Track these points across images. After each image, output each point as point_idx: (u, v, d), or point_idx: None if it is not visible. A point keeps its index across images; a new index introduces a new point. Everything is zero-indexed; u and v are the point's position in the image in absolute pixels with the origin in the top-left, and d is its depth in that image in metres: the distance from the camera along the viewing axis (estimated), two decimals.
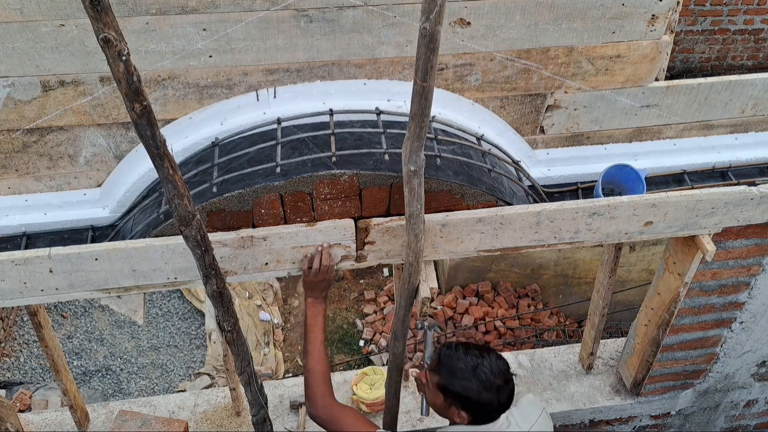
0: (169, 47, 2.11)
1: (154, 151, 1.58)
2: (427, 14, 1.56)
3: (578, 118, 2.56)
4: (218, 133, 2.29)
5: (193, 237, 1.79)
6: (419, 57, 1.65)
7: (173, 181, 1.65)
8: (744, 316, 2.98)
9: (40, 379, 6.00)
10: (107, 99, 2.20)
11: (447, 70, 2.32)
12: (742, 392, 3.45)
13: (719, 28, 6.42)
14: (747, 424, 3.72)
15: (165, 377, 6.31)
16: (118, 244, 2.11)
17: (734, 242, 2.61)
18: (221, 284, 1.98)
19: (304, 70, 2.25)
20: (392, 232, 2.24)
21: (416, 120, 1.78)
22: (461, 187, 2.27)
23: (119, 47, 1.38)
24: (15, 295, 2.17)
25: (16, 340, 6.23)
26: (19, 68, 2.08)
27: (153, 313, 6.73)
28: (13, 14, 1.97)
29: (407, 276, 2.21)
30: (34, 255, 2.08)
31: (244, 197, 2.16)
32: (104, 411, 3.23)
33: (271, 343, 6.71)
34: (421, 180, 1.94)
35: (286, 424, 3.22)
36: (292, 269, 2.27)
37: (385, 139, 2.23)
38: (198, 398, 3.32)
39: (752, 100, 2.67)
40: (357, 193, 2.22)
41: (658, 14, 2.32)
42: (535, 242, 2.35)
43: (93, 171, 2.38)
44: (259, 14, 2.09)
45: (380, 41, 2.21)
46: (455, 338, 6.42)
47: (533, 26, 2.27)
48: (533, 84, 2.42)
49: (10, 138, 2.23)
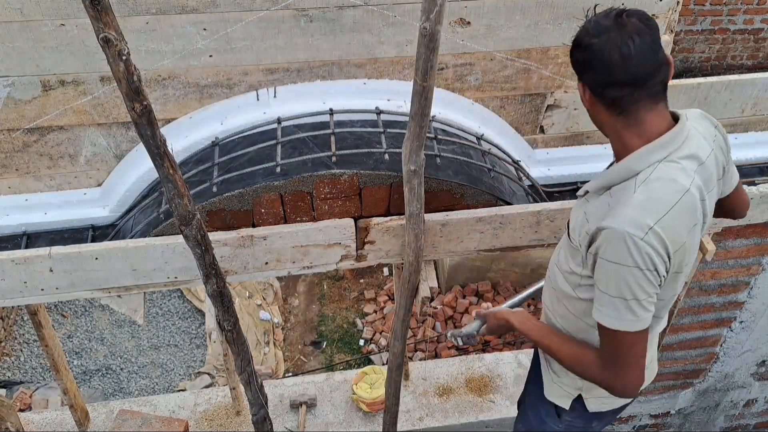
0: (170, 47, 2.11)
1: (154, 151, 1.58)
2: (427, 14, 1.56)
3: (578, 118, 2.56)
4: (218, 133, 2.29)
5: (193, 236, 1.79)
6: (419, 56, 1.65)
7: (173, 181, 1.65)
8: (744, 316, 2.99)
9: (41, 379, 6.00)
10: (107, 98, 2.20)
11: (447, 69, 2.32)
12: (741, 392, 3.45)
13: (719, 27, 6.41)
14: (747, 424, 3.72)
15: (165, 376, 6.31)
16: (119, 244, 2.12)
17: (734, 242, 2.61)
18: (221, 283, 1.98)
19: (304, 70, 2.25)
20: (392, 231, 2.24)
21: (416, 119, 1.78)
22: (461, 186, 2.27)
23: (119, 47, 1.38)
24: (15, 294, 2.17)
25: (17, 339, 6.24)
26: (20, 68, 2.08)
27: (153, 312, 6.73)
28: (14, 14, 1.97)
29: (407, 275, 2.21)
30: (34, 254, 2.08)
31: (244, 197, 2.16)
32: (104, 410, 3.23)
33: (271, 343, 6.71)
34: (421, 179, 1.95)
35: (286, 423, 3.22)
36: (292, 269, 2.27)
37: (385, 138, 2.23)
38: (198, 397, 3.32)
39: (752, 100, 2.67)
40: (357, 192, 2.23)
41: (658, 14, 2.32)
42: (535, 242, 2.35)
43: (93, 170, 2.38)
44: (259, 14, 2.09)
45: (380, 41, 2.21)
46: None
47: (533, 26, 2.27)
48: (533, 84, 2.42)
49: (10, 137, 2.23)
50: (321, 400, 3.36)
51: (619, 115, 1.60)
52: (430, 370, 3.53)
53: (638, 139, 1.61)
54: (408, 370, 3.44)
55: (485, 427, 3.34)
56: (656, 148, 1.59)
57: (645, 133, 1.60)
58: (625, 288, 1.56)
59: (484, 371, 3.51)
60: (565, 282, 1.85)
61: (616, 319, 1.60)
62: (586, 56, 1.57)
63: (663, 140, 1.59)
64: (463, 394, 3.41)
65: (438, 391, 3.42)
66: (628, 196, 1.58)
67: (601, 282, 1.62)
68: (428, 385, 3.46)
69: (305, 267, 2.28)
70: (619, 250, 1.54)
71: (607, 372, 1.70)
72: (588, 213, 1.70)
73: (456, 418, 3.30)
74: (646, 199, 1.56)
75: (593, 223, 1.63)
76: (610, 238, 1.55)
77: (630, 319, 1.59)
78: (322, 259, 2.27)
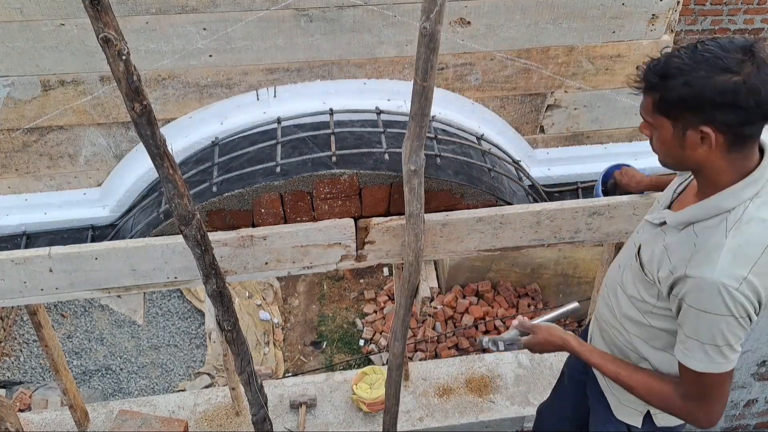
0: (169, 46, 2.11)
1: (154, 151, 1.58)
2: (427, 14, 1.56)
3: (578, 118, 2.56)
4: (218, 133, 2.29)
5: (192, 236, 1.79)
6: (419, 56, 1.65)
7: (173, 181, 1.65)
8: None
9: (40, 379, 6.00)
10: (107, 98, 2.20)
11: (447, 69, 2.32)
12: (742, 392, 3.45)
13: (719, 27, 6.41)
14: (747, 424, 3.72)
15: (165, 377, 6.31)
16: (118, 244, 2.11)
17: None
18: (221, 284, 1.97)
19: (304, 70, 2.25)
20: (392, 231, 2.24)
21: (416, 119, 1.78)
22: (461, 186, 2.26)
23: (119, 46, 1.38)
24: (15, 294, 2.17)
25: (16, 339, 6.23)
26: (19, 67, 2.08)
27: (153, 312, 6.72)
28: (13, 13, 1.97)
29: (407, 275, 2.21)
30: (34, 254, 2.08)
31: (244, 197, 2.16)
32: (104, 410, 3.23)
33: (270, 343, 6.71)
34: (421, 179, 1.94)
35: (286, 423, 3.22)
36: (292, 269, 2.27)
37: (385, 138, 2.23)
38: (198, 398, 3.32)
39: None
40: (357, 192, 2.22)
41: (659, 14, 2.32)
42: (535, 242, 2.35)
43: (93, 170, 2.38)
44: (259, 14, 2.09)
45: (380, 41, 2.21)
46: (455, 337, 6.42)
47: (533, 25, 2.27)
48: (533, 83, 2.42)
49: (10, 137, 2.23)
50: (321, 401, 3.36)
51: (739, 151, 1.50)
52: (430, 370, 3.53)
53: (734, 175, 1.53)
54: (408, 370, 3.43)
55: (485, 427, 3.34)
56: (748, 185, 1.52)
57: (743, 168, 1.53)
58: (719, 335, 1.53)
59: (485, 371, 3.51)
60: (631, 307, 1.80)
61: (706, 363, 1.57)
62: (729, 95, 1.40)
63: (754, 177, 1.52)
64: (464, 394, 3.41)
65: (438, 391, 3.41)
66: (719, 240, 1.51)
67: (688, 328, 1.58)
68: (428, 385, 3.45)
69: (305, 267, 2.28)
70: (712, 300, 1.50)
71: (690, 405, 1.68)
72: (669, 249, 1.63)
73: (456, 419, 3.30)
74: (740, 245, 1.50)
75: (678, 264, 1.57)
76: (702, 287, 1.51)
77: (720, 362, 1.57)
78: (322, 259, 2.27)
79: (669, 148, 1.56)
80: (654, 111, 1.52)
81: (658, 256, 1.66)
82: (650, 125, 1.57)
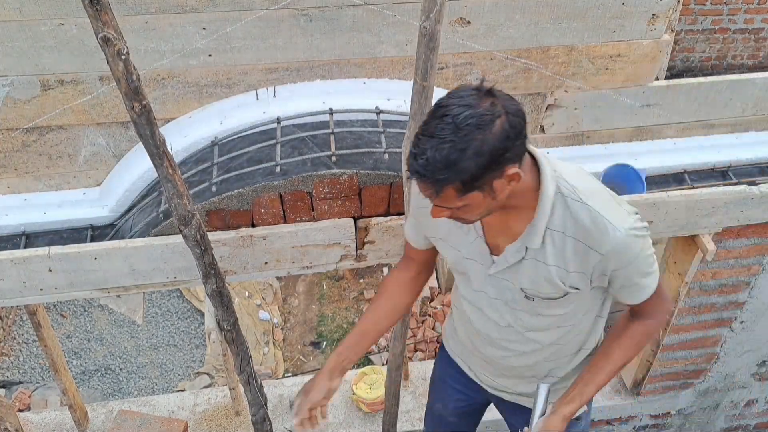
0: (169, 46, 2.11)
1: (153, 151, 1.57)
2: (427, 13, 1.56)
3: (578, 118, 2.55)
4: (218, 133, 2.29)
5: (192, 236, 1.78)
6: (419, 56, 1.65)
7: (172, 181, 1.64)
8: (744, 316, 2.98)
9: (40, 379, 6.00)
10: (106, 98, 2.19)
11: (447, 69, 2.32)
12: (742, 392, 3.45)
13: (719, 27, 6.41)
14: (747, 424, 3.72)
15: (164, 377, 6.30)
16: (118, 244, 2.11)
17: (734, 242, 2.61)
18: (221, 283, 1.97)
19: (304, 69, 2.25)
20: (392, 231, 2.23)
21: (416, 119, 1.78)
22: None
23: (118, 46, 1.37)
24: (14, 294, 2.16)
25: (16, 339, 6.23)
26: (19, 67, 2.08)
27: (152, 312, 6.72)
28: (13, 13, 1.97)
29: None
30: (33, 254, 2.08)
31: (243, 196, 2.16)
32: (104, 410, 3.23)
33: (270, 343, 6.71)
34: None
35: (286, 423, 3.21)
36: (291, 269, 2.27)
37: (385, 138, 2.23)
38: (197, 398, 3.32)
39: (753, 100, 2.67)
40: (357, 192, 2.22)
41: (659, 13, 2.31)
42: None
43: (92, 170, 2.37)
44: (258, 13, 2.08)
45: (380, 40, 2.21)
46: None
47: (533, 25, 2.26)
48: (533, 83, 2.42)
49: (9, 137, 2.23)
50: None
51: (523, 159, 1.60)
52: (430, 370, 3.52)
53: (532, 174, 1.59)
54: (408, 370, 3.43)
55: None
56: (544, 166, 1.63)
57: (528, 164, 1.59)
58: (650, 258, 1.66)
59: None
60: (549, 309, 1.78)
61: (655, 277, 1.70)
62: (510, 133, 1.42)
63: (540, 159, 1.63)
64: None
65: None
66: (587, 212, 1.57)
67: (635, 276, 1.67)
68: (428, 385, 3.45)
69: (305, 267, 2.28)
70: (634, 246, 1.59)
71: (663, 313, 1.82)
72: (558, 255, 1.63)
73: None
74: (601, 201, 1.59)
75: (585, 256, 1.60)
76: (620, 249, 1.58)
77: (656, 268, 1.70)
78: (321, 259, 2.27)
79: (485, 208, 1.54)
80: (459, 196, 1.48)
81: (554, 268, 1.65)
82: (458, 209, 1.54)
